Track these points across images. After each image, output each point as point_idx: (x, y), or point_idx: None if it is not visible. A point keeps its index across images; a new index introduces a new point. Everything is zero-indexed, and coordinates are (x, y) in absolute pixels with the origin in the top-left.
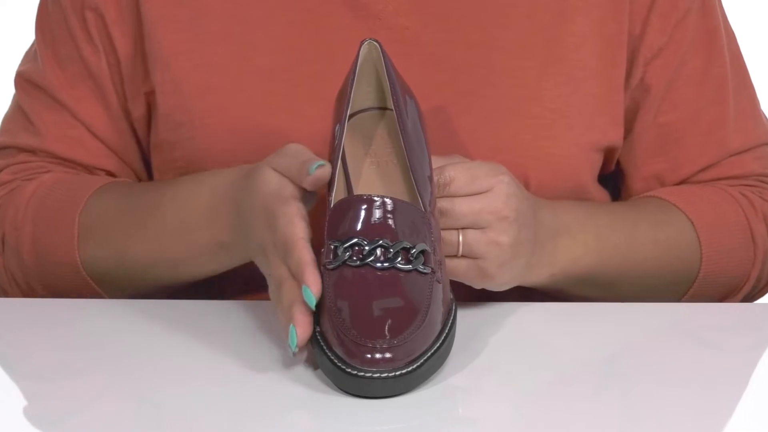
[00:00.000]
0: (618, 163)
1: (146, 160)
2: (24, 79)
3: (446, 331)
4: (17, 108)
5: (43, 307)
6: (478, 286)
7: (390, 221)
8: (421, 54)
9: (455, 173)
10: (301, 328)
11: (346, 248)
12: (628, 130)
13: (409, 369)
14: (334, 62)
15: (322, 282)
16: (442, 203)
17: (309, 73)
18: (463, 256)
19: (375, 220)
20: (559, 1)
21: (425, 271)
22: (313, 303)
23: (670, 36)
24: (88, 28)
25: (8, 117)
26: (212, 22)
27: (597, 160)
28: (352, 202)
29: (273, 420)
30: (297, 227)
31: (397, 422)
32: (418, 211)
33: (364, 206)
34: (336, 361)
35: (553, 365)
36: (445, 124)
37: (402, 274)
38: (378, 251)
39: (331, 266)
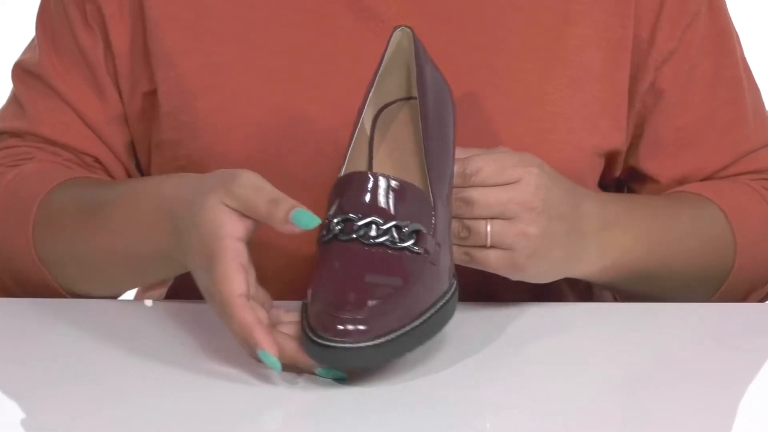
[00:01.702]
0: (638, 169)
1: (134, 154)
2: (20, 69)
3: (430, 312)
4: (12, 97)
5: (44, 307)
6: (512, 277)
7: (385, 199)
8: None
9: (483, 163)
10: (271, 348)
11: (337, 222)
12: (639, 134)
13: (377, 342)
14: (336, 63)
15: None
16: (470, 193)
17: (311, 73)
18: (492, 246)
19: (370, 197)
20: (561, 4)
21: (416, 250)
22: (277, 366)
23: (680, 39)
24: (87, 20)
25: (3, 107)
26: (216, 22)
27: (599, 164)
28: (352, 179)
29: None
30: (234, 282)
31: (396, 424)
32: (418, 190)
33: (362, 183)
34: (309, 332)
35: (563, 365)
36: None
37: (390, 251)
38: (372, 228)
39: (323, 240)
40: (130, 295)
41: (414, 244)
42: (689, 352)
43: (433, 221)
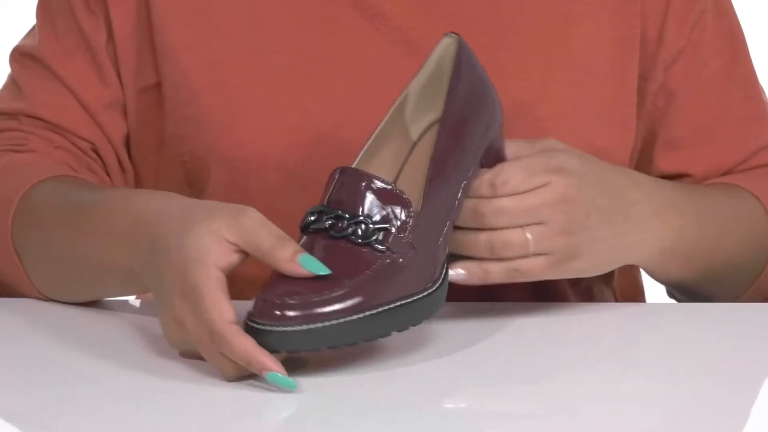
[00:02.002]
0: (656, 172)
1: (128, 145)
2: (19, 53)
3: (380, 309)
4: (9, 81)
5: (44, 307)
6: (566, 277)
7: (360, 196)
8: (427, 55)
9: (511, 172)
10: (281, 370)
11: (311, 213)
12: (652, 137)
13: (303, 328)
14: (340, 61)
15: None
16: (500, 202)
17: (315, 71)
18: (535, 254)
19: (346, 193)
20: (565, 5)
21: (378, 248)
22: (293, 385)
23: (688, 38)
24: (90, 4)
25: (4, 87)
26: (220, 18)
27: None
28: (338, 173)
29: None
30: (224, 311)
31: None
32: (395, 192)
33: (344, 177)
34: (247, 319)
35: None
36: None
37: (351, 246)
38: (339, 221)
39: (300, 229)
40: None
41: (378, 241)
42: (690, 352)
43: (409, 223)
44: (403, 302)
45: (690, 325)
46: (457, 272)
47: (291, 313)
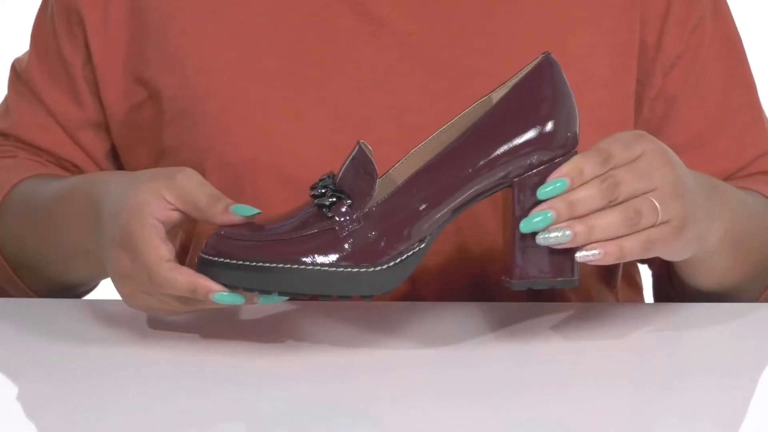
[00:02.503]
0: None
1: (117, 161)
2: (13, 69)
3: (302, 266)
4: (5, 96)
5: (44, 307)
6: (682, 249)
7: (346, 167)
8: (425, 60)
9: (609, 146)
10: (219, 287)
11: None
12: None
13: (231, 262)
14: (337, 66)
15: None
16: (618, 173)
17: (312, 76)
18: (662, 222)
19: (343, 163)
20: (563, 10)
21: (325, 212)
22: (240, 299)
23: (687, 43)
24: (71, 29)
25: (2, 101)
26: (216, 25)
27: None
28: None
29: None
30: (161, 250)
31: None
32: (371, 169)
33: (351, 151)
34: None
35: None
36: None
37: (313, 207)
38: (318, 184)
39: None
40: None
41: (328, 206)
42: (690, 353)
43: (370, 203)
44: (322, 268)
45: (690, 325)
46: (592, 253)
47: (216, 247)
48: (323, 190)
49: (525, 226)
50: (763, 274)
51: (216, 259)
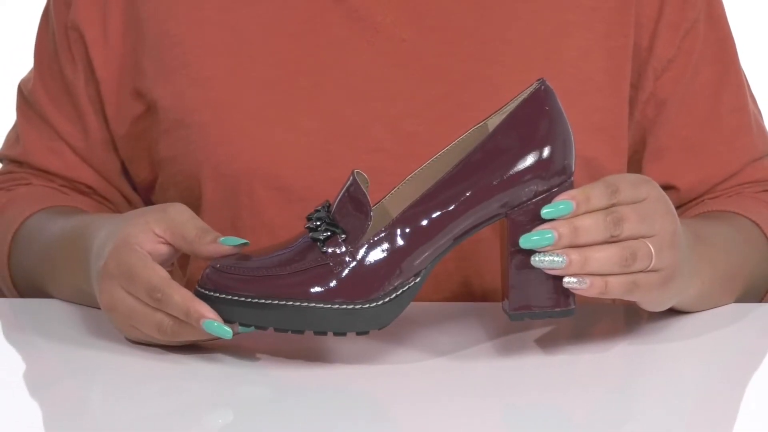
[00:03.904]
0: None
1: (129, 176)
2: (20, 93)
3: (297, 303)
4: (15, 121)
5: (44, 307)
6: (664, 300)
7: (340, 200)
8: (419, 66)
9: (617, 181)
10: (217, 318)
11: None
12: (642, 146)
13: (221, 296)
14: (331, 74)
15: None
16: (623, 210)
17: (306, 85)
18: (652, 269)
19: (337, 195)
20: (557, 15)
21: (320, 246)
22: (229, 333)
23: (679, 47)
24: (71, 47)
25: (10, 130)
26: (211, 35)
27: (598, 176)
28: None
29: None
30: (157, 268)
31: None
32: (359, 200)
33: (346, 181)
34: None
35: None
36: (441, 137)
37: (307, 240)
38: (312, 216)
39: None
40: None
41: (322, 241)
42: (689, 353)
43: (364, 238)
44: (318, 305)
45: (690, 326)
46: (579, 282)
47: (212, 279)
48: (318, 223)
49: (524, 242)
50: (752, 293)
51: (211, 294)
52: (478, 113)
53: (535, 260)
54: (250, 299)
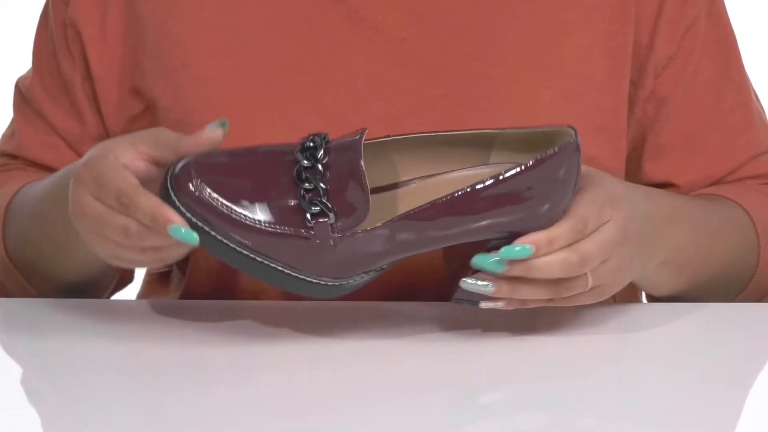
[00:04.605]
0: (646, 179)
1: None
2: (18, 89)
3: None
4: (12, 117)
5: (44, 307)
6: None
7: (340, 170)
8: (419, 66)
9: (586, 213)
10: (183, 224)
11: (312, 139)
12: (641, 144)
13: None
14: (331, 73)
15: None
16: (586, 248)
17: (306, 84)
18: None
19: (343, 150)
20: (557, 14)
21: (308, 223)
22: (195, 239)
23: (679, 45)
24: (69, 45)
25: (8, 126)
26: (210, 35)
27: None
28: (362, 131)
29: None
30: (126, 173)
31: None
32: (364, 195)
33: (357, 137)
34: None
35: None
36: None
37: (296, 199)
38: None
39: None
40: (131, 294)
41: (311, 216)
42: (688, 353)
43: (346, 226)
44: (285, 270)
45: (685, 325)
46: (495, 305)
47: (195, 191)
48: (309, 191)
49: (476, 262)
50: (725, 288)
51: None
52: (479, 113)
53: (465, 283)
54: (218, 237)
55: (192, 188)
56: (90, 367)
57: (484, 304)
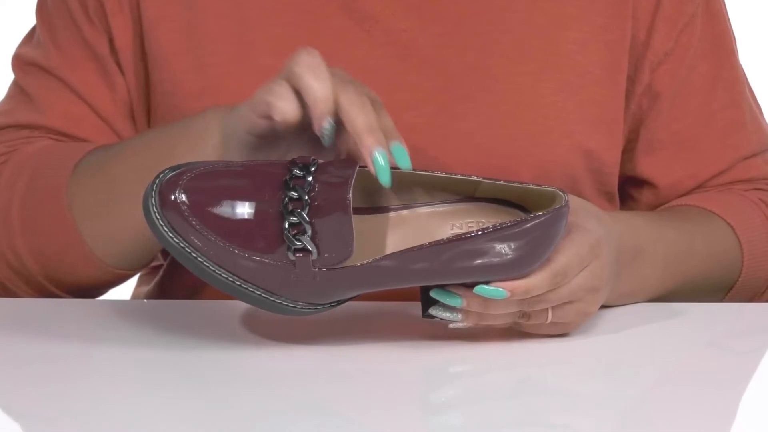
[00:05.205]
0: (635, 174)
1: None
2: (24, 62)
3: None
4: (15, 89)
5: (44, 307)
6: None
7: (326, 207)
8: (418, 57)
9: (566, 267)
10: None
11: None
12: (635, 137)
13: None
14: (330, 63)
15: None
16: (561, 295)
17: None
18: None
19: (330, 183)
20: (556, 7)
21: (290, 256)
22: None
23: (676, 41)
24: (89, 14)
25: (4, 101)
26: (210, 23)
27: (596, 168)
28: (354, 164)
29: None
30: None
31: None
32: (347, 225)
33: (349, 170)
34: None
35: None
36: (440, 128)
37: (280, 226)
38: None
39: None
40: (127, 294)
41: (294, 235)
42: (687, 353)
43: (323, 260)
44: (263, 295)
45: (687, 326)
46: (456, 319)
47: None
48: (294, 228)
49: (435, 294)
50: (703, 299)
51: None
52: (477, 105)
53: (435, 310)
54: (197, 257)
55: (175, 202)
56: (90, 367)
57: (452, 325)
